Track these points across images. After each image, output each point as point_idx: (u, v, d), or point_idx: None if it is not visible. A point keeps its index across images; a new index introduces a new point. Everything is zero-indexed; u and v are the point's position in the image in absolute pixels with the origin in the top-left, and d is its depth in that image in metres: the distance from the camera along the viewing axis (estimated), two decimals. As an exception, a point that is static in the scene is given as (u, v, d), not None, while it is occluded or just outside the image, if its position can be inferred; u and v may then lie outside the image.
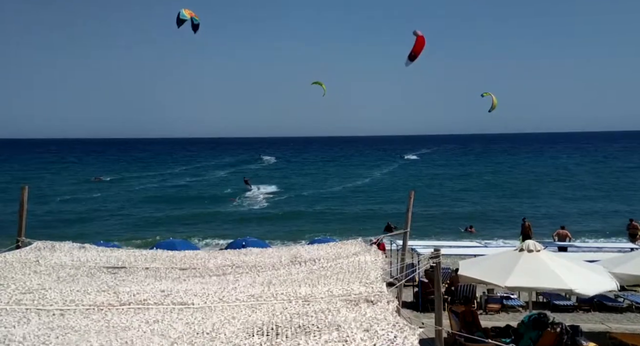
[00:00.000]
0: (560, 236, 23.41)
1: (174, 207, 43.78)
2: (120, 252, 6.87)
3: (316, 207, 42.89)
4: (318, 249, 6.79)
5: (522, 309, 14.56)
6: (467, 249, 17.77)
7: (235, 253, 6.62)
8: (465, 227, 32.27)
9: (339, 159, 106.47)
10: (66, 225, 34.88)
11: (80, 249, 6.97)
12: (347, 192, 51.73)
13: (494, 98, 24.87)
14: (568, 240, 23.10)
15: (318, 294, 4.79)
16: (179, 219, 37.89)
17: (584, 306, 14.73)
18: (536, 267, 10.79)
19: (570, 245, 20.99)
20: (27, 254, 6.62)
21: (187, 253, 6.60)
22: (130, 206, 44.01)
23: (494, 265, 11.40)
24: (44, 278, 5.59)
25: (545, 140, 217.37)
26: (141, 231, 32.62)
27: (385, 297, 4.75)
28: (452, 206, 42.49)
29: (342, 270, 5.70)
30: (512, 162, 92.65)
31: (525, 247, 11.50)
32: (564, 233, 23.43)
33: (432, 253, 9.00)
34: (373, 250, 6.83)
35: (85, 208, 42.27)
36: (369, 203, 43.96)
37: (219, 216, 39.10)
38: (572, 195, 47.47)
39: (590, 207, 40.43)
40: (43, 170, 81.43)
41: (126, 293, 4.87)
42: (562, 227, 24.27)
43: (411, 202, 9.60)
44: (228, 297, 4.72)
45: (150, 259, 6.30)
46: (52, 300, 4.73)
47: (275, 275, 5.63)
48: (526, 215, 30.96)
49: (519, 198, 46.34)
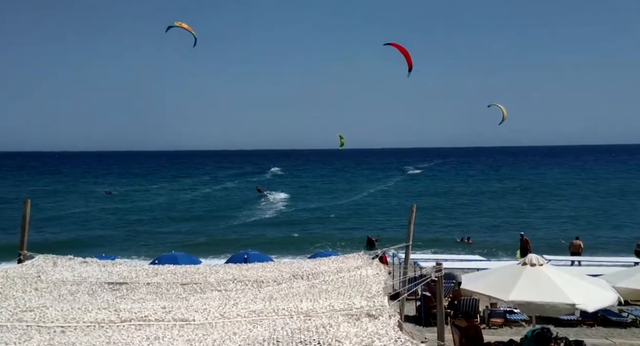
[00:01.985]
0: (574, 246, 23.90)
1: (181, 219, 44.02)
2: (121, 267, 6.86)
3: (321, 219, 42.88)
4: (320, 263, 6.77)
5: (525, 323, 14.43)
6: (470, 263, 17.69)
7: (237, 268, 6.60)
8: (462, 237, 32.08)
9: (342, 172, 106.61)
10: (75, 239, 35.06)
11: (81, 264, 6.96)
12: (351, 205, 51.72)
13: (504, 110, 23.97)
14: (580, 251, 23.60)
15: (319, 309, 4.77)
16: (184, 231, 38.03)
17: (587, 321, 14.60)
18: (539, 281, 10.73)
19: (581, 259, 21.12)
20: (28, 269, 6.61)
21: (189, 268, 6.58)
22: (139, 219, 44.25)
23: (496, 278, 11.34)
24: (45, 295, 5.57)
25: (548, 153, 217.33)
26: (147, 243, 32.71)
27: (387, 311, 4.72)
28: (451, 218, 42.45)
29: (344, 284, 5.68)
30: (515, 174, 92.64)
31: (528, 261, 11.45)
32: (578, 243, 23.89)
33: (435, 267, 8.98)
34: (375, 264, 6.80)
35: (97, 222, 42.47)
36: (371, 217, 43.87)
37: (224, 228, 39.16)
38: (576, 209, 47.29)
39: (593, 221, 40.23)
40: (56, 183, 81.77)
41: (127, 310, 4.85)
42: (577, 238, 24.72)
43: (413, 216, 9.58)
44: (229, 313, 4.70)
45: (152, 274, 6.29)
46: (53, 317, 4.72)
47: (277, 289, 5.62)
48: (532, 228, 30.91)
49: (523, 211, 46.27)
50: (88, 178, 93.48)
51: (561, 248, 28.53)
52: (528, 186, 66.45)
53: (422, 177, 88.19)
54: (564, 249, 27.88)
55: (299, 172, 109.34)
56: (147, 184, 79.72)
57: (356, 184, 74.98)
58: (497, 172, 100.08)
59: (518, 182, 74.72)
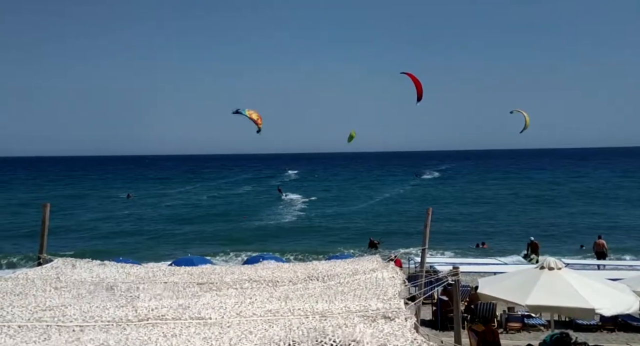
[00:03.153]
0: (598, 245, 23.92)
1: (198, 222, 44.36)
2: (139, 269, 6.94)
3: (337, 223, 42.87)
4: (335, 265, 6.77)
5: (544, 328, 14.24)
6: (487, 266, 17.51)
7: (252, 268, 6.64)
8: (477, 243, 31.79)
9: (359, 175, 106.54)
10: (94, 242, 35.61)
11: (100, 266, 7.07)
12: (368, 209, 51.61)
13: (526, 117, 22.47)
14: (605, 250, 23.68)
15: (335, 310, 4.77)
16: (201, 235, 38.33)
17: (607, 325, 14.35)
18: (557, 285, 10.57)
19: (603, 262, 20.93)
20: (47, 271, 6.73)
21: (205, 268, 6.65)
22: (158, 222, 44.70)
23: (514, 282, 11.20)
24: (64, 295, 5.66)
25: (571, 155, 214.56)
26: (164, 247, 33.01)
27: (403, 314, 4.70)
28: (466, 223, 42.13)
29: (360, 286, 5.68)
30: (532, 177, 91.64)
31: (545, 265, 11.30)
32: (601, 242, 23.88)
33: (451, 271, 8.92)
34: (391, 267, 6.79)
35: (117, 226, 43.02)
36: (387, 221, 43.72)
37: (241, 232, 39.36)
38: (595, 212, 46.58)
39: (616, 223, 39.56)
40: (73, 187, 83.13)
41: (144, 307, 4.91)
42: (599, 237, 24.68)
43: (429, 219, 9.55)
44: (245, 312, 4.73)
45: (169, 274, 6.35)
46: (72, 316, 4.79)
47: (292, 290, 5.63)
48: (549, 231, 30.47)
49: (541, 214, 45.75)
50: (107, 182, 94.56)
51: (580, 252, 28.15)
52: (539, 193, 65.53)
53: (438, 180, 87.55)
54: (582, 253, 27.53)
55: (314, 175, 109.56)
56: (165, 188, 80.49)
57: (372, 188, 74.75)
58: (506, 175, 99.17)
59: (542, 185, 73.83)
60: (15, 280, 6.15)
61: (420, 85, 18.47)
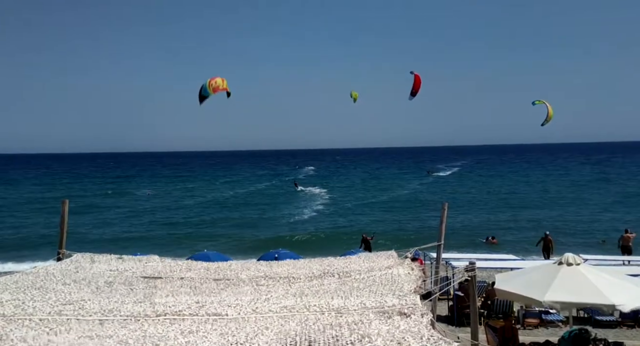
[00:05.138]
0: (625, 239, 23.76)
1: (214, 218, 44.72)
2: (156, 263, 7.01)
3: (353, 219, 42.81)
4: (351, 261, 6.76)
5: (562, 324, 14.08)
6: (504, 262, 17.37)
7: (268, 265, 6.66)
8: (487, 237, 31.47)
9: (374, 172, 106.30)
10: (111, 237, 36.15)
11: (118, 260, 7.15)
12: (382, 205, 51.46)
13: (550, 108, 21.14)
14: (631, 245, 23.42)
15: (351, 306, 4.76)
16: (217, 230, 38.61)
17: (627, 322, 14.13)
18: (576, 281, 10.44)
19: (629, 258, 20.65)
20: (67, 266, 6.83)
21: (221, 264, 6.67)
22: (174, 218, 45.16)
23: (532, 278, 11.08)
24: (83, 289, 5.74)
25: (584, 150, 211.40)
26: (181, 242, 33.37)
27: (419, 310, 4.68)
28: (476, 217, 41.80)
29: (375, 283, 5.66)
30: (544, 172, 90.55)
31: (564, 260, 11.15)
32: (628, 236, 23.76)
33: (467, 266, 8.84)
34: (406, 263, 6.75)
35: (138, 221, 43.59)
36: (401, 216, 43.55)
37: (258, 227, 39.59)
38: (608, 206, 45.82)
39: (635, 217, 38.83)
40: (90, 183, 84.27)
41: (162, 304, 4.95)
42: (626, 230, 24.50)
43: (445, 215, 9.49)
44: (261, 308, 4.75)
45: (185, 269, 6.40)
46: (92, 310, 4.86)
47: (308, 286, 5.63)
48: (565, 225, 29.94)
49: (550, 208, 45.21)
50: (126, 179, 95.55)
51: (600, 247, 27.72)
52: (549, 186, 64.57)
53: (450, 177, 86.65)
54: (604, 248, 27.10)
55: (330, 172, 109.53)
56: (181, 184, 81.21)
57: (388, 184, 74.47)
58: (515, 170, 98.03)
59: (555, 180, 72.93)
60: (35, 275, 6.25)
61: (419, 83, 18.52)
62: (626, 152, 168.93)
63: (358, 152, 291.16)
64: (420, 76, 18.51)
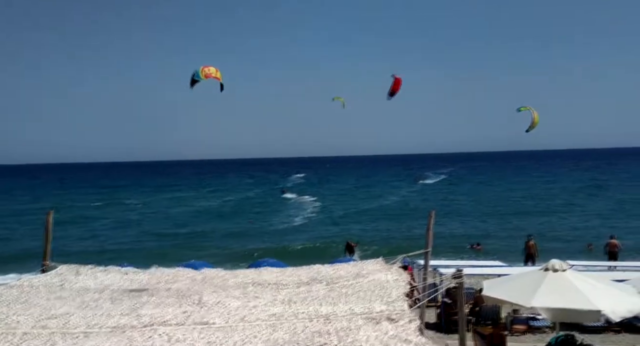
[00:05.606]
0: (611, 245, 23.90)
1: (202, 227, 44.40)
2: (142, 275, 6.94)
3: (341, 227, 42.78)
4: (338, 268, 6.77)
5: (549, 330, 14.15)
6: (491, 269, 17.49)
7: (256, 272, 6.64)
8: (472, 244, 31.61)
9: (363, 179, 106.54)
10: (99, 248, 35.72)
11: (103, 272, 7.07)
12: (369, 213, 51.50)
13: (535, 115, 20.83)
14: (617, 250, 23.62)
15: (339, 312, 4.76)
16: (205, 239, 38.30)
17: (614, 327, 14.23)
18: (562, 287, 10.53)
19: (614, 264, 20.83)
20: (52, 278, 6.74)
21: (208, 273, 6.64)
22: (161, 228, 44.75)
23: (518, 284, 11.16)
24: (68, 303, 5.67)
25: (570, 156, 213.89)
26: (168, 253, 33.01)
27: (407, 316, 4.69)
28: (463, 224, 42.06)
29: (363, 289, 5.67)
30: (531, 178, 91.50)
31: (550, 267, 11.24)
32: (613, 243, 23.93)
33: (455, 273, 8.88)
34: (394, 269, 6.77)
35: (124, 232, 43.11)
36: (388, 224, 43.63)
37: (245, 237, 39.39)
38: (597, 212, 46.33)
39: (624, 224, 39.25)
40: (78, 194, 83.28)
41: (148, 315, 4.91)
42: (612, 237, 24.65)
43: (431, 222, 9.54)
44: (249, 316, 4.73)
45: (172, 280, 6.35)
46: (77, 324, 4.80)
47: (296, 293, 5.62)
48: (552, 231, 30.13)
49: (538, 215, 45.64)
50: (113, 189, 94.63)
51: (586, 253, 27.99)
52: (536, 193, 65.22)
53: (438, 185, 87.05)
54: (590, 254, 27.36)
55: (319, 179, 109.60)
56: (170, 193, 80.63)
57: (376, 192, 74.62)
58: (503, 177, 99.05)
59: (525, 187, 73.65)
60: (19, 288, 6.16)
61: (399, 85, 18.71)
62: (615, 159, 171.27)
63: (347, 159, 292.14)
64: (401, 80, 18.71)
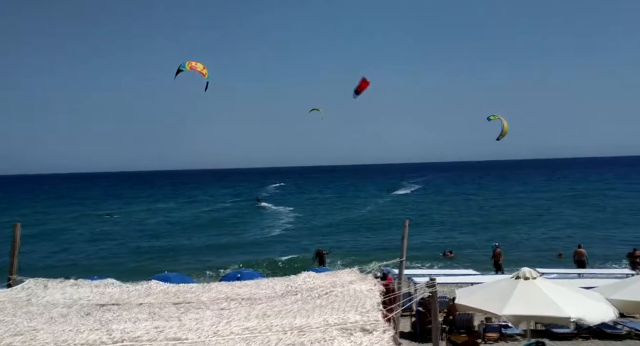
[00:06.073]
0: (579, 254, 24.68)
1: (177, 239, 43.92)
2: (113, 288, 6.79)
3: (315, 237, 42.74)
4: (313, 278, 6.76)
5: (520, 338, 14.39)
6: (464, 277, 17.69)
7: (230, 286, 6.57)
8: (444, 251, 32.25)
9: (338, 189, 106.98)
10: (70, 261, 34.83)
11: (73, 286, 6.89)
12: (345, 223, 51.67)
13: (505, 123, 21.00)
14: (584, 259, 24.43)
15: (313, 324, 4.75)
16: (180, 251, 37.84)
17: (583, 333, 14.58)
18: (533, 295, 10.73)
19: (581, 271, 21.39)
20: (18, 293, 6.54)
21: (181, 287, 6.54)
22: (135, 240, 44.05)
23: (490, 293, 11.33)
24: (35, 318, 5.50)
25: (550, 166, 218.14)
26: (142, 265, 32.48)
27: (381, 326, 4.71)
28: (438, 233, 42.57)
29: (338, 299, 5.67)
30: (504, 188, 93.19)
31: (521, 275, 11.46)
32: (581, 252, 24.69)
33: (428, 282, 8.98)
34: (369, 279, 6.80)
35: (96, 244, 42.14)
36: (362, 234, 43.79)
37: (220, 247, 39.04)
38: (571, 223, 47.26)
39: (592, 233, 40.24)
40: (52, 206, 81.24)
41: (119, 330, 4.79)
42: (579, 246, 25.40)
43: (406, 231, 9.64)
44: (223, 331, 4.67)
45: (144, 294, 6.23)
46: (44, 340, 4.65)
47: (270, 306, 5.59)
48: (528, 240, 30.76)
49: (511, 224, 46.46)
50: (83, 201, 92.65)
51: (557, 261, 28.60)
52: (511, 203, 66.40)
53: (411, 196, 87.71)
54: (559, 262, 27.96)
55: (295, 189, 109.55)
56: (144, 204, 79.46)
57: (350, 202, 74.91)
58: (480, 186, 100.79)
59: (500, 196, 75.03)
60: (-17, 304, 5.95)
61: (364, 86, 19.18)
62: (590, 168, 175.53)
63: (322, 170, 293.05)
64: (368, 84, 19.22)
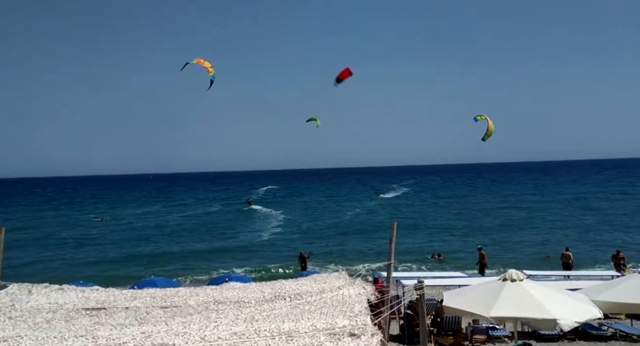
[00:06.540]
0: (565, 257, 24.99)
1: (165, 243, 43.47)
2: (99, 293, 6.71)
3: (305, 240, 42.63)
4: (302, 283, 6.73)
5: (507, 339, 14.48)
6: (451, 279, 17.77)
7: (218, 289, 6.52)
8: (433, 254, 32.46)
9: (329, 191, 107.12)
10: (55, 266, 34.38)
11: (58, 291, 6.79)
12: (336, 226, 51.61)
13: (490, 124, 20.68)
14: (571, 262, 24.67)
15: (302, 329, 4.74)
16: (167, 255, 37.44)
17: (569, 335, 14.68)
18: (520, 297, 10.83)
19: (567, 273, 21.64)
20: (1, 298, 6.43)
21: (168, 291, 6.47)
22: (123, 244, 43.55)
23: (478, 295, 11.41)
24: (19, 324, 5.42)
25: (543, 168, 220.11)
26: (129, 269, 32.15)
27: (369, 330, 4.71)
28: (426, 236, 42.75)
29: (326, 304, 5.66)
30: (496, 191, 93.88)
31: (508, 277, 11.56)
32: (568, 254, 25.03)
33: (416, 285, 8.99)
34: (357, 283, 6.80)
35: (81, 250, 41.60)
36: (351, 237, 43.79)
37: (208, 250, 38.77)
38: (560, 226, 47.56)
39: (580, 236, 40.59)
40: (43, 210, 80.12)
41: (105, 337, 4.73)
42: (567, 249, 25.72)
43: (394, 234, 9.64)
44: (210, 336, 4.63)
45: (131, 298, 6.17)
46: (28, 347, 4.58)
47: (259, 311, 5.56)
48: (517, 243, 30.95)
49: (501, 227, 46.76)
50: (70, 205, 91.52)
51: (544, 263, 28.84)
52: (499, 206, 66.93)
53: (399, 199, 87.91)
54: (547, 264, 28.20)
55: (285, 193, 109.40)
56: (132, 208, 78.77)
57: (339, 205, 74.83)
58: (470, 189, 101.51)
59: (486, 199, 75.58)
60: (-34, 310, 5.85)
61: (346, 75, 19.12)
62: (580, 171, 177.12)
63: (312, 172, 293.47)
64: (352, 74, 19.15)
